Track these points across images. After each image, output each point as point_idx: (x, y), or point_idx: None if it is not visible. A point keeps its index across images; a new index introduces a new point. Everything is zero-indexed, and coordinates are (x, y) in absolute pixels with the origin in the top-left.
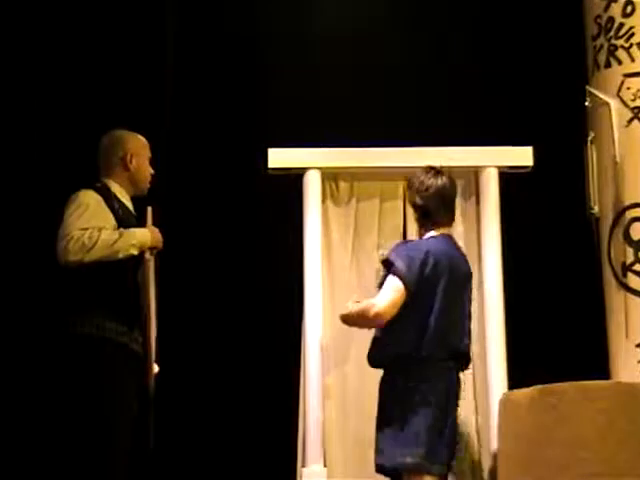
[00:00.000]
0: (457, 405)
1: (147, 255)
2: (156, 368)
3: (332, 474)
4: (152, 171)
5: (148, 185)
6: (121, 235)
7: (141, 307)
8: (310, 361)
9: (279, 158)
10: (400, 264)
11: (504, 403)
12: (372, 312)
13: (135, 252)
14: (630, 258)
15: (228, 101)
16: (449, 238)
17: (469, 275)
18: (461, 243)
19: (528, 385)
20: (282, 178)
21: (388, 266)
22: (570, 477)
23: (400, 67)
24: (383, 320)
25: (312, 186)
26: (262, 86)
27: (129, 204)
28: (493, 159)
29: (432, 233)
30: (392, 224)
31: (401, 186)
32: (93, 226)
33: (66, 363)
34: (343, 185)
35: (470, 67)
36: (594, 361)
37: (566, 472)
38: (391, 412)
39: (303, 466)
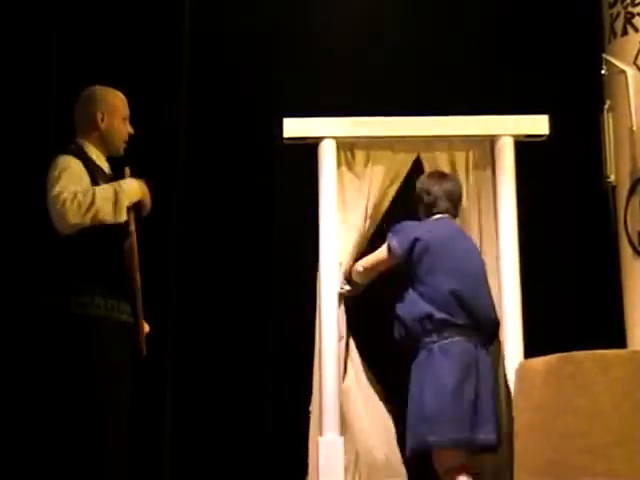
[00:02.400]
0: (486, 376)
1: (132, 227)
2: (146, 327)
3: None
4: (130, 130)
5: (124, 145)
6: (116, 193)
7: (128, 279)
8: (326, 328)
9: (294, 128)
10: (392, 239)
11: (520, 372)
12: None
13: (125, 214)
14: None
15: (244, 71)
16: (449, 221)
17: (472, 252)
18: (476, 212)
19: (544, 355)
20: (298, 148)
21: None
22: (586, 446)
23: (415, 36)
24: (361, 271)
25: (327, 155)
26: (278, 56)
27: (105, 166)
28: (509, 128)
29: (432, 217)
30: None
31: (414, 157)
32: (84, 188)
33: (56, 342)
34: (359, 154)
35: (486, 35)
36: (611, 330)
37: (582, 441)
38: (409, 390)
39: (320, 435)
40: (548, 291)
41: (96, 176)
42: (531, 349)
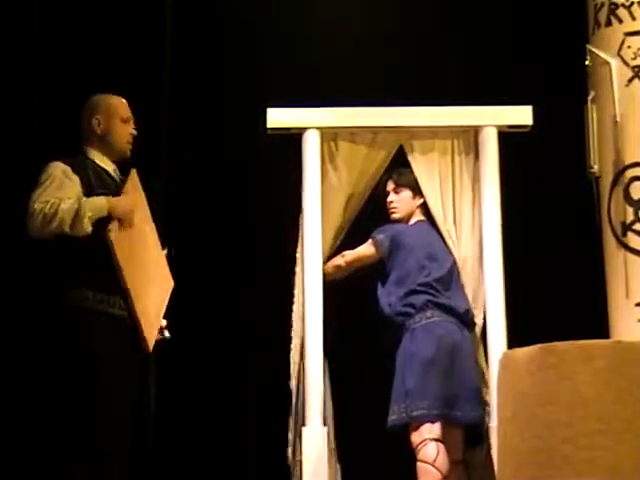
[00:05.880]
0: (469, 358)
1: (110, 226)
2: (167, 334)
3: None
4: (132, 132)
5: (127, 146)
6: (80, 206)
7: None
8: (310, 318)
9: (278, 118)
10: (378, 234)
11: (503, 362)
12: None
13: (89, 225)
14: (630, 217)
15: (227, 62)
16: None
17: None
18: (460, 202)
19: (527, 345)
20: (282, 138)
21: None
22: (569, 435)
23: (400, 26)
24: (343, 266)
25: (311, 146)
26: (262, 46)
27: (111, 169)
28: (492, 118)
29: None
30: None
31: (397, 147)
32: (57, 197)
33: (46, 333)
34: (342, 145)
35: (471, 26)
36: (594, 320)
37: (565, 430)
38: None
39: (302, 425)
40: (531, 281)
41: (92, 179)
42: (514, 339)
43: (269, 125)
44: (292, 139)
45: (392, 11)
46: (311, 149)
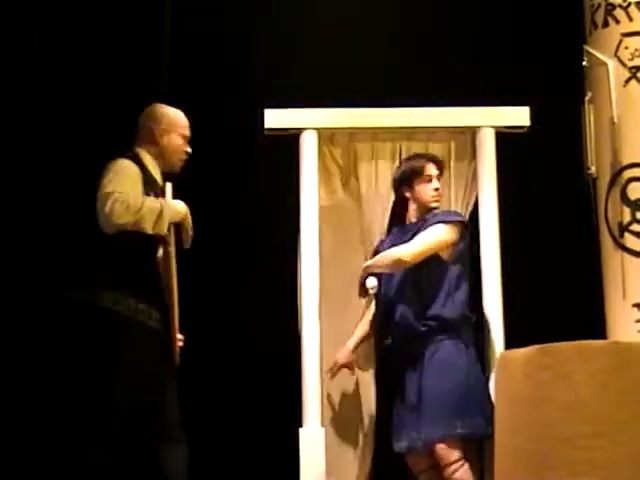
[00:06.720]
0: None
1: (170, 243)
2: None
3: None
4: (188, 150)
5: (180, 163)
6: (162, 208)
7: (163, 285)
8: (307, 318)
9: (275, 119)
10: (454, 216)
11: (500, 363)
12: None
13: (166, 228)
14: (627, 218)
15: (226, 62)
16: None
17: None
18: (458, 205)
19: (525, 346)
20: (280, 139)
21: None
22: (565, 436)
23: (398, 26)
24: (402, 262)
25: (308, 146)
26: (260, 46)
27: (158, 177)
28: (490, 119)
29: None
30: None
31: (397, 147)
32: (136, 194)
33: (81, 335)
34: (340, 145)
35: (468, 26)
36: (591, 321)
37: (562, 431)
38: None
39: (300, 426)
40: (529, 282)
41: (148, 185)
42: (512, 340)
43: (266, 126)
44: (290, 140)
45: (392, 11)
46: (308, 150)
